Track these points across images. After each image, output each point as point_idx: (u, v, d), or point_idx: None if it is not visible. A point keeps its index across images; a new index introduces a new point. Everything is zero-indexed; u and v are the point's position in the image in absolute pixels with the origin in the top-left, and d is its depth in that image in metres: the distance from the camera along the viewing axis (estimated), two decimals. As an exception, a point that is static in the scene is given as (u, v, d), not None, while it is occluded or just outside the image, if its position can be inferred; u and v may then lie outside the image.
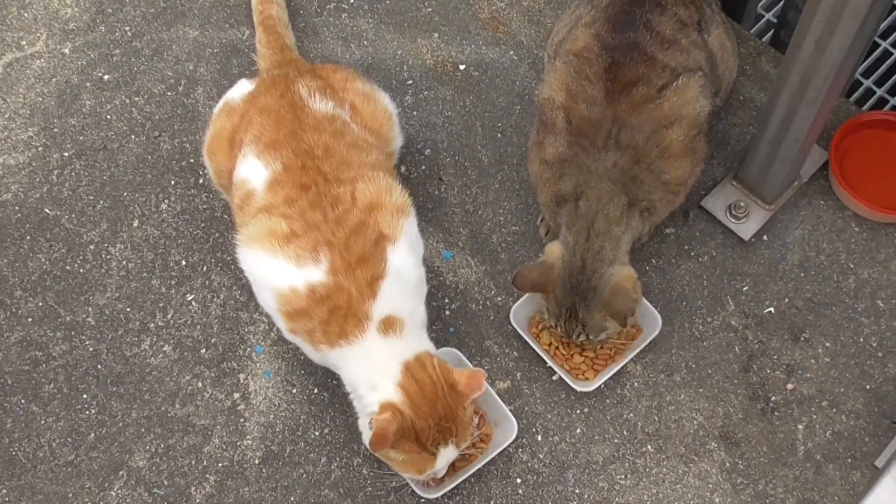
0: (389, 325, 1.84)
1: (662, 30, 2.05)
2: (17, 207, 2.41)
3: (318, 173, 1.92)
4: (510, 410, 2.10)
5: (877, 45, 3.07)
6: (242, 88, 2.17)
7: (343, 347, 1.83)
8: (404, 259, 1.90)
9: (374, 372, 1.84)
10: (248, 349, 2.24)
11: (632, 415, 2.14)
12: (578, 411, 2.15)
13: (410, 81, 2.56)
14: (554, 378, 2.18)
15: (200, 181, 2.43)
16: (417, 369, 1.83)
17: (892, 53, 3.06)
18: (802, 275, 2.26)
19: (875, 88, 3.02)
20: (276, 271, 1.86)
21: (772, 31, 2.78)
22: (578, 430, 2.13)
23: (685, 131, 2.03)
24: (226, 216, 2.37)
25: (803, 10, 1.85)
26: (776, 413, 2.13)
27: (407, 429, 1.79)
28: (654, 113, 2.00)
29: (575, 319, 2.01)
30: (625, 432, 2.13)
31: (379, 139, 2.11)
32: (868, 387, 2.14)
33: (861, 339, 2.19)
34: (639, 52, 2.02)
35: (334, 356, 1.87)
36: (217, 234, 2.36)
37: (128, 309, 2.28)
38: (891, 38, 3.08)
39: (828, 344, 2.19)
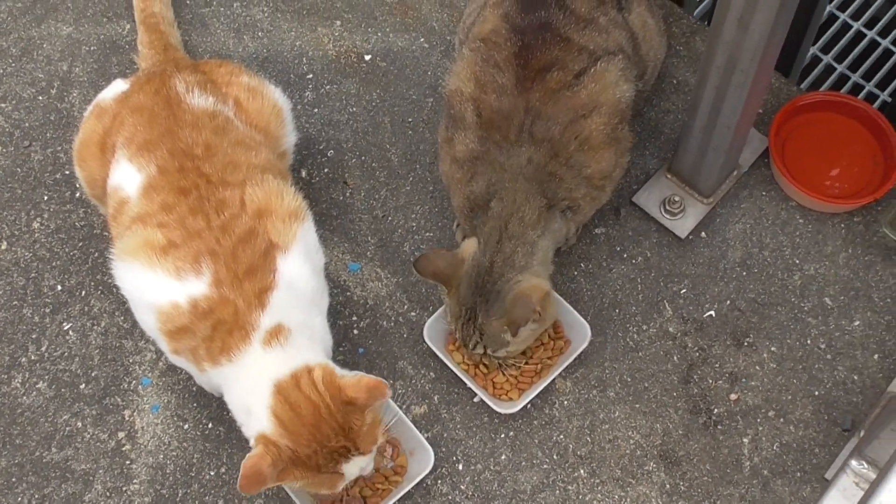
0: (273, 335, 1.83)
1: (577, 7, 2.07)
2: None
3: (200, 175, 1.92)
4: (427, 438, 2.11)
5: (836, 19, 3.14)
6: (116, 88, 2.17)
7: (224, 366, 1.83)
8: (298, 269, 1.90)
9: (248, 394, 1.83)
10: (134, 382, 2.23)
11: (562, 436, 2.16)
12: (503, 435, 2.16)
13: (311, 75, 2.57)
14: (475, 400, 2.19)
15: (77, 195, 2.41)
16: (291, 390, 1.79)
17: (850, 27, 3.12)
18: (745, 273, 2.29)
19: (835, 65, 3.08)
20: (155, 286, 1.85)
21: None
22: (504, 457, 2.14)
23: (606, 120, 2.05)
24: (105, 233, 2.35)
25: (724, -17, 1.89)
26: (719, 427, 2.15)
27: (288, 459, 1.77)
28: (570, 101, 2.02)
29: (473, 324, 2.03)
30: (555, 456, 2.14)
31: (267, 137, 2.11)
32: (817, 393, 2.18)
33: (808, 341, 2.22)
34: (552, 33, 2.04)
35: (217, 377, 1.86)
36: (96, 254, 2.35)
37: (-4, 342, 2.26)
38: (848, 11, 3.15)
39: (773, 348, 2.22)
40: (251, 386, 1.82)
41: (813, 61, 3.11)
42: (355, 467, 1.84)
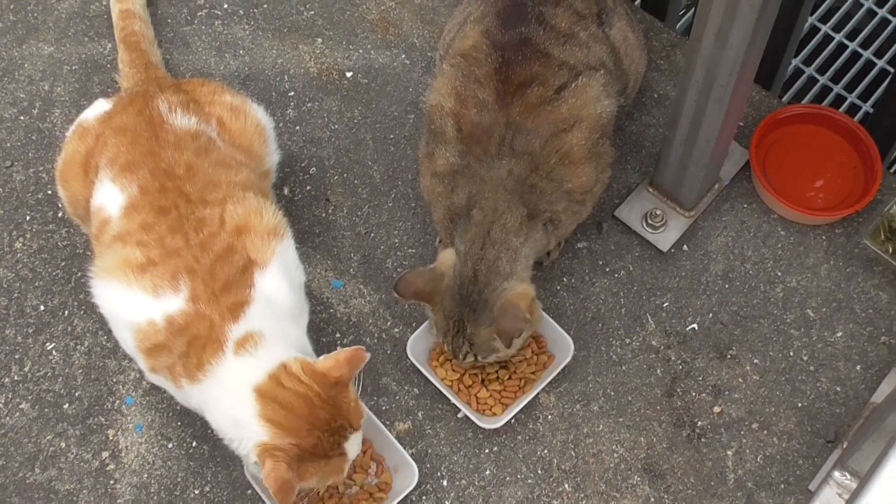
0: (243, 343, 1.85)
1: (557, 23, 2.10)
2: None
3: (180, 194, 1.94)
4: (412, 454, 2.13)
5: (818, 31, 3.17)
6: (99, 108, 2.19)
7: (202, 381, 1.85)
8: (275, 284, 1.93)
9: (232, 407, 1.84)
10: (118, 401, 2.24)
11: (546, 451, 2.18)
12: (487, 451, 2.19)
13: (292, 93, 2.60)
14: (459, 416, 2.21)
15: (59, 214, 2.43)
16: (275, 390, 1.82)
17: (832, 39, 3.16)
18: (727, 286, 2.32)
19: (817, 77, 3.12)
20: (132, 304, 1.88)
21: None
22: (488, 472, 2.17)
23: (587, 134, 2.08)
24: (88, 252, 2.37)
25: (700, -2, 1.92)
26: (703, 439, 2.18)
27: (297, 456, 1.79)
28: (551, 116, 2.05)
29: (462, 336, 2.05)
30: (539, 471, 2.17)
31: (250, 156, 2.14)
32: (800, 404, 2.21)
33: (791, 353, 2.25)
34: (532, 48, 2.07)
35: (196, 394, 1.88)
36: (79, 274, 2.36)
37: (-21, 363, 2.28)
38: (830, 23, 3.19)
39: (756, 360, 2.25)
40: (233, 398, 1.83)
41: (795, 73, 3.15)
42: (354, 444, 1.87)
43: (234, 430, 1.85)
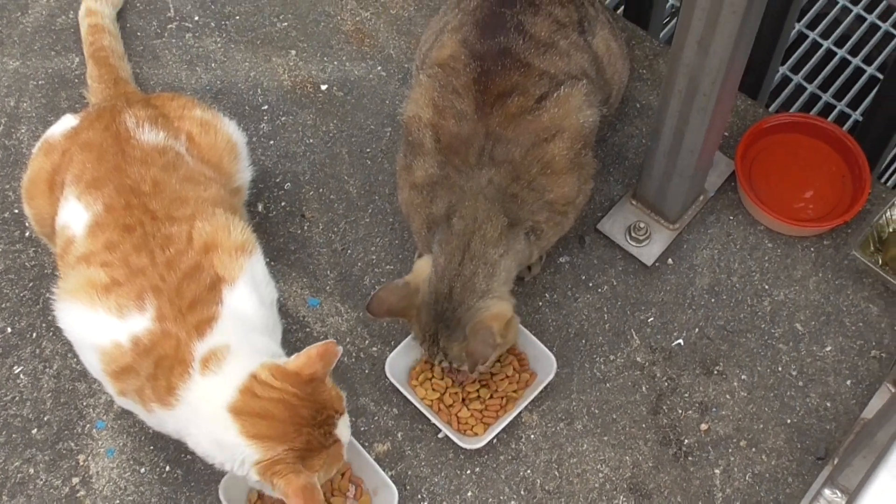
0: (206, 362, 1.86)
1: (537, 32, 2.13)
2: None
3: (145, 212, 1.96)
4: (391, 476, 2.15)
5: (805, 38, 3.21)
6: (66, 124, 2.21)
7: (175, 407, 1.86)
8: (244, 299, 1.95)
9: (212, 429, 1.85)
10: (88, 425, 2.26)
11: (529, 471, 2.20)
12: (469, 472, 2.21)
13: (266, 106, 2.62)
14: (439, 436, 2.24)
15: (27, 234, 2.45)
16: (249, 403, 1.83)
17: (820, 46, 3.20)
18: (713, 300, 2.35)
19: (805, 84, 3.16)
20: (97, 326, 1.90)
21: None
22: (469, 494, 2.19)
23: (569, 144, 2.11)
24: (56, 273, 2.37)
25: (682, 5, 1.95)
26: (690, 458, 2.20)
27: (296, 458, 1.81)
28: (532, 125, 2.08)
29: (437, 346, 2.09)
30: (522, 492, 2.19)
31: (219, 173, 2.16)
32: (789, 421, 2.24)
33: (780, 368, 2.28)
34: (511, 58, 2.10)
35: (171, 421, 1.90)
36: (48, 295, 2.36)
37: (-57, 387, 2.29)
38: (818, 29, 3.23)
39: (744, 376, 2.28)
40: (209, 422, 1.84)
41: (782, 81, 3.19)
42: (344, 428, 1.90)
43: (222, 453, 1.85)
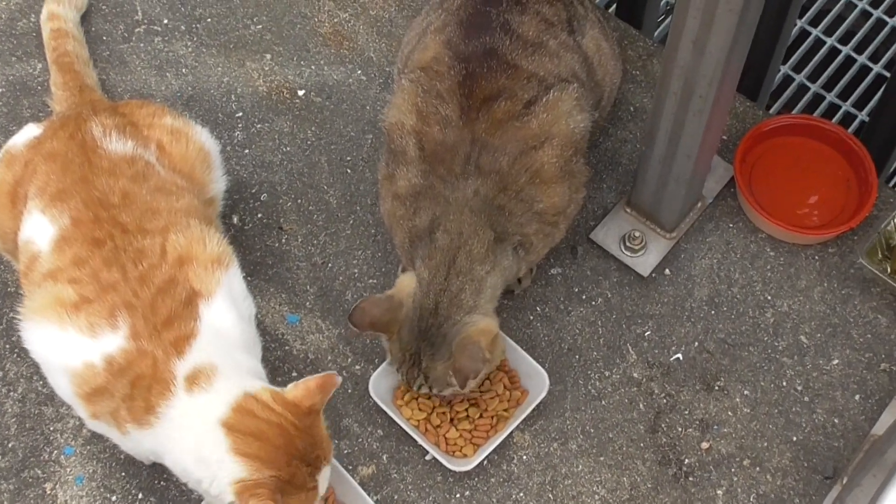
0: (194, 380, 1.86)
1: (524, 31, 2.14)
2: None
3: (115, 224, 1.96)
4: (377, 501, 2.15)
5: (808, 36, 3.22)
6: (28, 133, 2.21)
7: (154, 426, 1.86)
8: (222, 315, 1.95)
9: (196, 446, 1.85)
10: (55, 451, 2.25)
11: (522, 494, 2.21)
12: (458, 495, 2.21)
13: (240, 113, 2.63)
14: (427, 458, 2.24)
15: (-12, 251, 2.45)
16: (245, 420, 1.83)
17: (824, 43, 3.20)
18: (713, 312, 2.36)
19: (809, 84, 3.16)
20: (67, 346, 1.89)
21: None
22: (459, 518, 2.19)
23: (559, 152, 2.11)
24: (21, 291, 2.38)
25: (676, 3, 1.96)
26: (691, 478, 2.21)
27: (278, 488, 1.80)
28: (520, 132, 2.08)
29: (417, 368, 2.08)
30: (515, 516, 2.20)
31: (192, 183, 2.16)
32: (795, 438, 2.24)
33: (784, 383, 2.29)
34: (497, 60, 2.11)
35: (149, 439, 1.90)
36: (11, 314, 2.37)
37: None
38: (821, 26, 3.24)
39: (746, 392, 2.28)
40: (197, 436, 1.84)
41: (784, 81, 3.20)
42: (324, 479, 1.90)
43: (202, 470, 1.84)
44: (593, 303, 2.38)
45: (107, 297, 1.89)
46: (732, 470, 2.22)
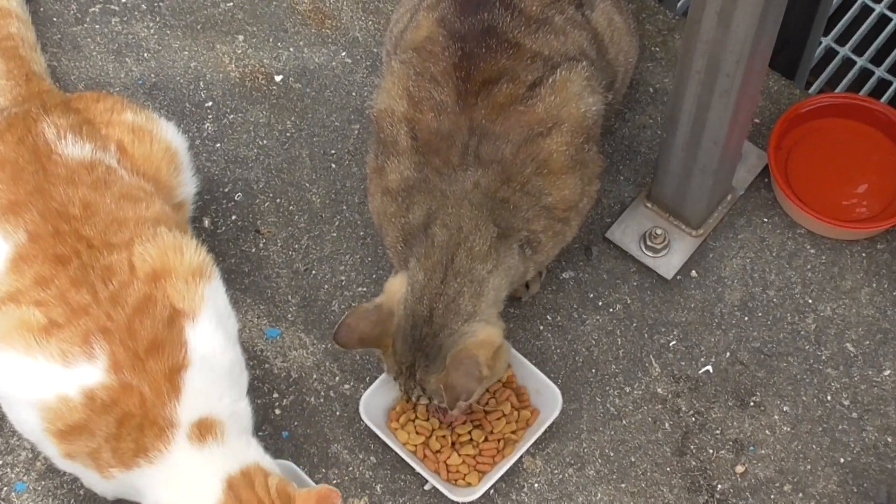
0: (206, 430, 1.88)
1: (527, 6, 2.13)
2: None
3: (79, 239, 1.95)
4: (369, 537, 2.15)
5: (853, 3, 3.18)
6: (-31, 135, 2.20)
7: (144, 468, 1.86)
8: (211, 338, 1.94)
9: (187, 495, 1.87)
10: (5, 488, 2.25)
11: (534, 527, 2.21)
12: (462, 529, 2.21)
13: (210, 103, 2.62)
14: (426, 487, 2.23)
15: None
16: (244, 488, 1.85)
17: (872, 11, 3.16)
18: (746, 318, 2.36)
19: (854, 58, 3.12)
20: (36, 377, 1.87)
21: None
22: (463, 556, 2.19)
23: (568, 139, 2.11)
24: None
25: (698, -31, 1.96)
26: (725, 506, 2.21)
27: None
28: (524, 117, 2.08)
29: (413, 380, 2.08)
30: (526, 552, 2.19)
31: (158, 187, 2.15)
32: (842, 460, 2.23)
33: (829, 397, 2.28)
34: (497, 38, 2.10)
35: (135, 480, 1.89)
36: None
37: None
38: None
39: (786, 408, 2.28)
40: (191, 486, 1.86)
41: (825, 55, 3.17)
42: None
43: None
44: (611, 310, 2.38)
45: (78, 321, 1.88)
46: (772, 496, 2.21)
